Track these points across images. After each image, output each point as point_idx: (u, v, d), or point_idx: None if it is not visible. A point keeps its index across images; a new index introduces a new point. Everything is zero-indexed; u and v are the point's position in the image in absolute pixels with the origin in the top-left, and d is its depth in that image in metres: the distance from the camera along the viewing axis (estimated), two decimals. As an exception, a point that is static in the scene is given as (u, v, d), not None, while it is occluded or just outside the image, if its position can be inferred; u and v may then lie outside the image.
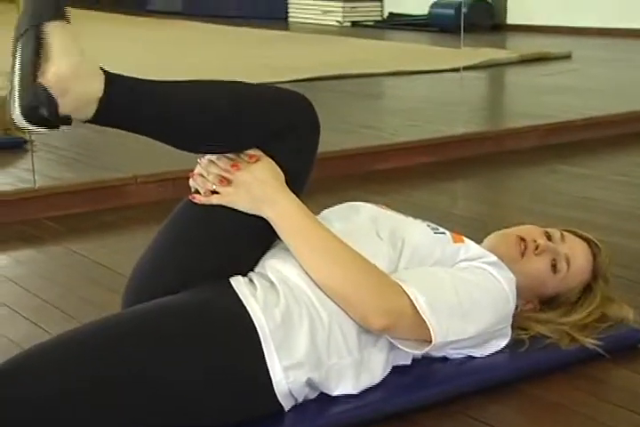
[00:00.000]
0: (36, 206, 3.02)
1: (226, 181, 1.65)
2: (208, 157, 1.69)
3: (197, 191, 1.68)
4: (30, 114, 1.48)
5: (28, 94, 1.47)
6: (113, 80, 1.53)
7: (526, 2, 8.85)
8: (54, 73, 1.47)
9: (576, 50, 7.00)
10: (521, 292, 1.80)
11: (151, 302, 1.59)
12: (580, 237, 1.96)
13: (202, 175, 1.68)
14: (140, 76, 1.61)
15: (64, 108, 1.49)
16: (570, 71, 6.24)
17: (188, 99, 1.62)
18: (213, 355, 1.52)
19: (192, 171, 1.71)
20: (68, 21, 1.51)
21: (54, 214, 3.01)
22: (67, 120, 1.51)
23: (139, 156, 3.55)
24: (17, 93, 1.48)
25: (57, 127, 1.52)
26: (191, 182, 1.70)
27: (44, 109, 1.47)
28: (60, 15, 1.50)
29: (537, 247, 1.89)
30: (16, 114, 1.48)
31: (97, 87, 1.51)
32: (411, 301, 1.62)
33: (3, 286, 2.43)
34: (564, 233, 1.95)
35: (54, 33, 1.49)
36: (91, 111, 1.52)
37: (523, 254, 1.89)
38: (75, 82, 1.48)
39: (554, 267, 1.89)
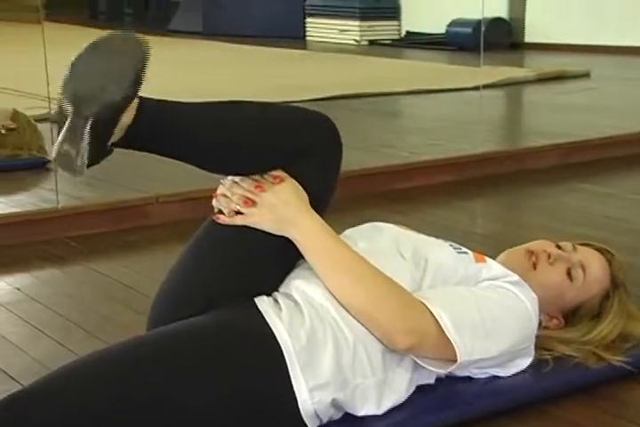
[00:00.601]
0: (58, 226, 3.05)
1: (250, 202, 1.66)
2: (231, 177, 1.71)
3: (221, 211, 1.69)
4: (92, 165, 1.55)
5: (97, 155, 1.54)
6: (142, 103, 1.55)
7: (544, 20, 8.87)
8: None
9: (594, 68, 7.00)
10: (543, 306, 1.80)
11: (174, 324, 1.60)
12: (593, 247, 1.97)
13: (225, 196, 1.69)
14: (162, 97, 1.63)
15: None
16: (588, 90, 6.24)
17: (215, 121, 1.64)
18: (238, 376, 1.52)
19: (213, 191, 1.72)
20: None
21: (76, 234, 3.03)
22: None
23: (160, 175, 3.57)
24: (87, 157, 1.51)
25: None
26: (214, 203, 1.71)
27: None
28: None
29: (549, 257, 1.90)
30: (81, 173, 1.54)
31: (129, 115, 1.54)
32: (435, 319, 1.62)
33: (26, 304, 2.45)
34: (576, 245, 1.96)
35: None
36: (119, 134, 1.55)
37: (535, 266, 1.89)
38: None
39: (569, 275, 1.89)
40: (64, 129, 1.50)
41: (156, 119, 1.57)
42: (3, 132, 3.90)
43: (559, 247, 1.93)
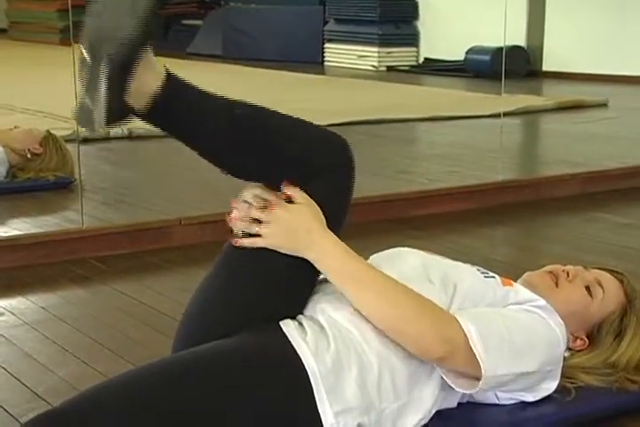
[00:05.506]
0: (82, 246, 3.08)
1: (266, 223, 1.67)
2: (245, 198, 1.70)
3: (238, 234, 1.70)
4: (112, 124, 1.59)
5: (115, 109, 1.56)
6: (169, 76, 1.61)
7: (562, 49, 8.90)
8: (137, 91, 1.58)
9: (612, 98, 7.01)
10: (567, 325, 1.82)
11: (200, 348, 1.61)
12: (600, 268, 2.02)
13: (241, 219, 1.69)
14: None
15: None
16: (607, 119, 6.25)
17: (240, 118, 1.67)
18: (264, 400, 1.54)
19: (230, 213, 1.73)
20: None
21: (100, 254, 3.07)
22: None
23: (183, 198, 3.61)
24: (105, 108, 1.54)
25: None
26: (230, 226, 1.71)
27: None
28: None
29: (567, 275, 1.94)
30: (100, 126, 1.57)
31: (155, 83, 1.59)
32: (464, 332, 1.64)
33: (52, 324, 2.48)
34: (587, 266, 2.01)
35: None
36: (143, 103, 1.60)
37: (557, 284, 1.93)
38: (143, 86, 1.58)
39: (589, 292, 1.93)
40: (84, 80, 1.56)
41: (183, 91, 1.62)
42: (28, 156, 3.88)
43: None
